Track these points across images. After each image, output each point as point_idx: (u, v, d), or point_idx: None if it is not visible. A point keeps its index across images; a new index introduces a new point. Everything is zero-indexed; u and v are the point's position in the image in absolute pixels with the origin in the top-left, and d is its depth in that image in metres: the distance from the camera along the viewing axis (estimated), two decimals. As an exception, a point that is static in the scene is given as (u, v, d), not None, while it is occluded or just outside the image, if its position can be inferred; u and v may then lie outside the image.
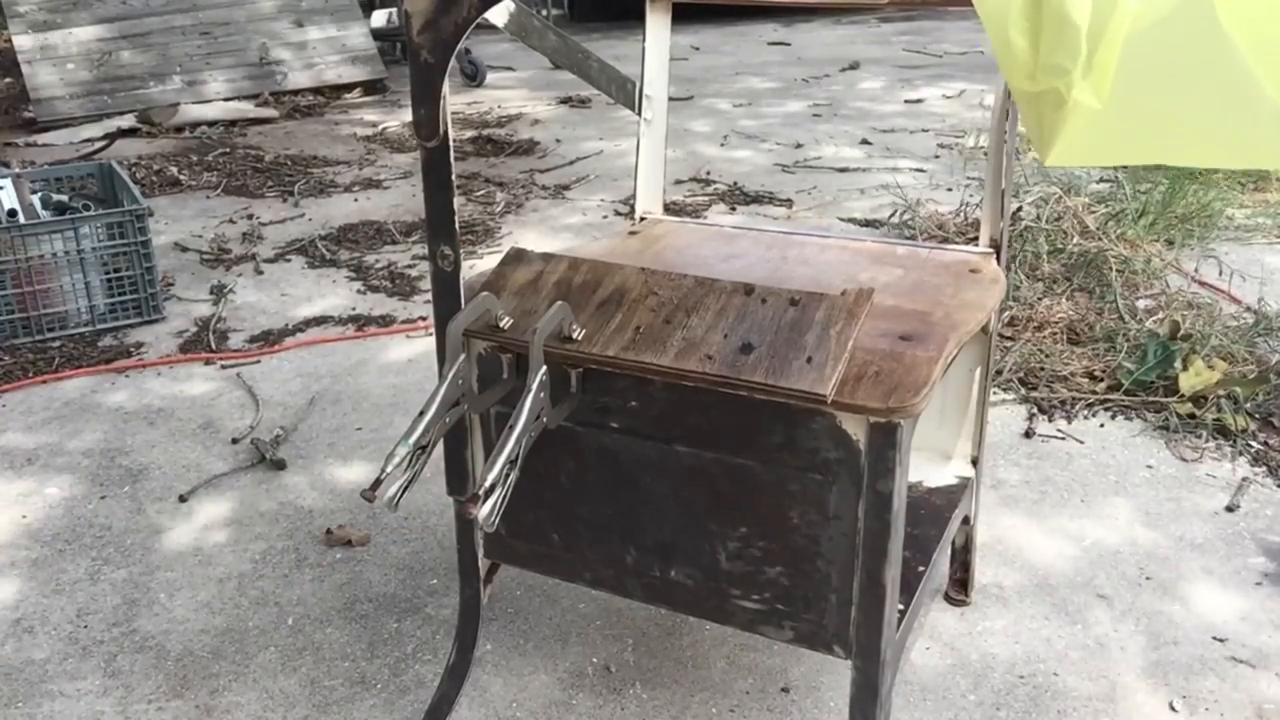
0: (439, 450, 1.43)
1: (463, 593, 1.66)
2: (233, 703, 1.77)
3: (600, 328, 1.36)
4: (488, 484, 1.23)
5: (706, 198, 4.46)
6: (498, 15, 1.47)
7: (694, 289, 1.37)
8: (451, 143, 1.36)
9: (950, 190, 4.38)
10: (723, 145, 5.29)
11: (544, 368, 1.31)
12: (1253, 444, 2.48)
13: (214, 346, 3.14)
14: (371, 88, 6.63)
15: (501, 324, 1.40)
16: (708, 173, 4.78)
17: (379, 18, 7.24)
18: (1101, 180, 4.02)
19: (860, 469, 1.27)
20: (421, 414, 1.31)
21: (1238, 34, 0.96)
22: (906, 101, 6.18)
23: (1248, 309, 3.11)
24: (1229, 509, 2.25)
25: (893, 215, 4.02)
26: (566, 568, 1.56)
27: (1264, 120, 0.98)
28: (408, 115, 2.71)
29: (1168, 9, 0.96)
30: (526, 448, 1.30)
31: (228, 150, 5.28)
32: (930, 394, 1.25)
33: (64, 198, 3.45)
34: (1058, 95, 0.96)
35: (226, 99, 6.14)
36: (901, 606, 1.46)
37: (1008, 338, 2.94)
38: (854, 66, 7.25)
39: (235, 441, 2.60)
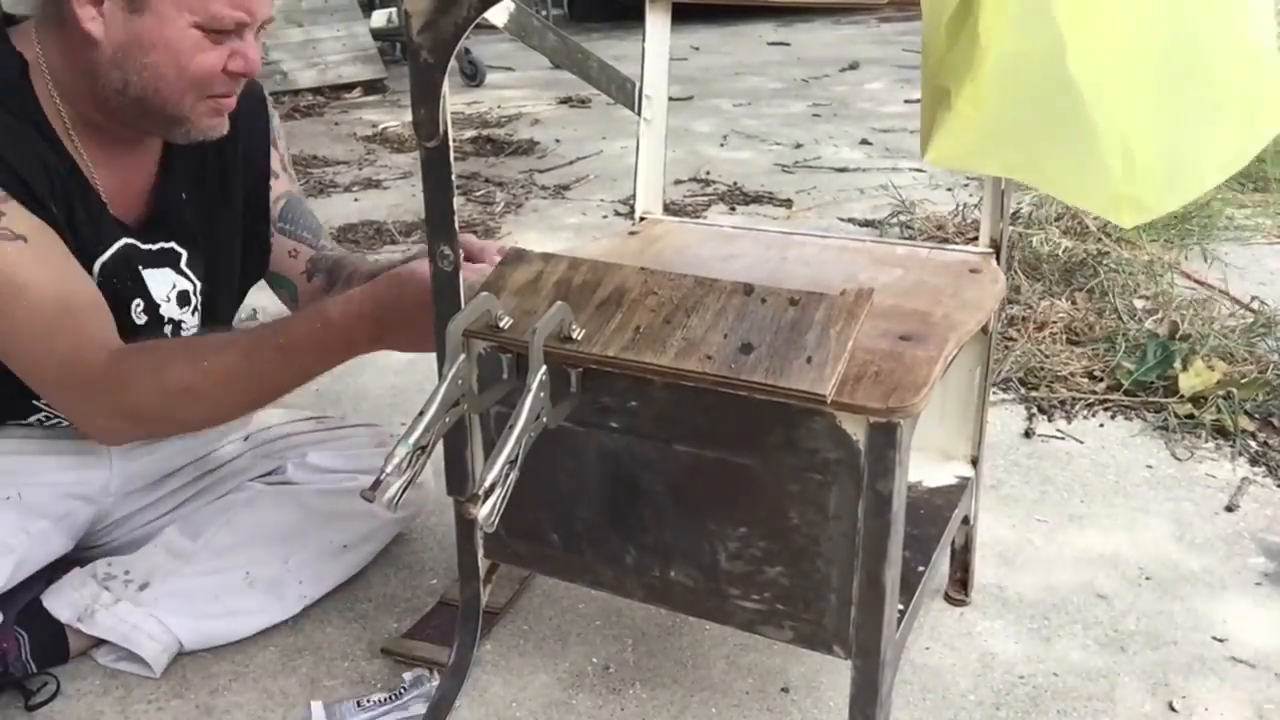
0: (439, 450, 1.43)
1: (463, 593, 1.66)
2: (233, 703, 1.77)
3: (600, 328, 1.36)
4: (487, 484, 1.23)
5: (706, 198, 4.46)
6: (498, 15, 1.47)
7: (694, 289, 1.37)
8: (451, 143, 1.36)
9: (950, 190, 4.38)
10: (723, 145, 5.29)
11: (544, 367, 1.31)
12: (1252, 444, 2.48)
13: (214, 346, 3.13)
14: (371, 88, 6.63)
15: (501, 324, 1.40)
16: (707, 173, 4.78)
17: (379, 18, 7.25)
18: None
19: (860, 469, 1.27)
20: (421, 414, 1.31)
21: (1083, 81, 0.99)
22: (907, 102, 6.18)
23: (1247, 308, 3.11)
24: (1229, 509, 2.25)
25: (892, 215, 4.02)
26: (566, 568, 1.56)
27: (1094, 173, 1.03)
28: (408, 115, 2.71)
29: (1028, 45, 0.99)
30: (526, 448, 1.30)
31: (227, 150, 5.26)
32: (930, 394, 1.25)
33: (64, 198, 3.45)
34: (948, 96, 0.99)
35: (226, 99, 6.12)
36: (901, 606, 1.46)
37: (1008, 338, 2.94)
38: (854, 66, 7.26)
39: (235, 441, 2.59)
